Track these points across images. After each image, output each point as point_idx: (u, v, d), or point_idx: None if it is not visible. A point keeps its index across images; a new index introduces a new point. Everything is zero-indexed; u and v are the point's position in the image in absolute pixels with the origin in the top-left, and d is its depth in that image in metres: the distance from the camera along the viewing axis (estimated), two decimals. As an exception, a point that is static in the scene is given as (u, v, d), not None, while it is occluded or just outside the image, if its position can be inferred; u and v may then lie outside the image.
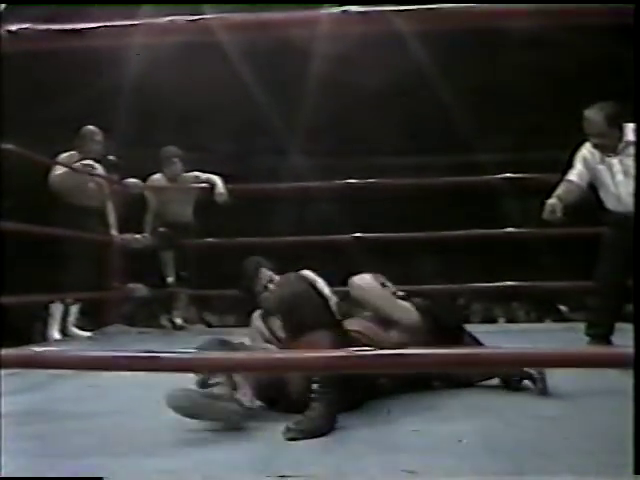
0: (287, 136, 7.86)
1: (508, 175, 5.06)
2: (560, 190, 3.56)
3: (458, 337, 2.74)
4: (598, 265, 3.51)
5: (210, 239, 5.38)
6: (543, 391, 2.49)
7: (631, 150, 3.34)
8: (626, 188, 3.37)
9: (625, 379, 1.55)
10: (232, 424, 2.09)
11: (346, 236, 5.21)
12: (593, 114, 3.35)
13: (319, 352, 1.81)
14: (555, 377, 2.46)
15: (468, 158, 7.56)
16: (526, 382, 2.56)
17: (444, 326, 2.69)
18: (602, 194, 3.53)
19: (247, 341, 2.64)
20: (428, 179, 5.85)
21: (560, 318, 7.67)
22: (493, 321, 7.77)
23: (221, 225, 5.47)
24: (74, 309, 4.79)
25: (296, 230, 5.86)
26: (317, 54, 6.17)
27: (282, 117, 7.46)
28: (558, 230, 3.73)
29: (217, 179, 5.14)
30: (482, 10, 1.70)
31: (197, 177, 5.24)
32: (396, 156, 8.55)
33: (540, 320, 7.75)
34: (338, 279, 2.95)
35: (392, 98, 7.90)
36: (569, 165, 3.61)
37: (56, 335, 4.61)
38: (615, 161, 3.41)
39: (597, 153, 3.48)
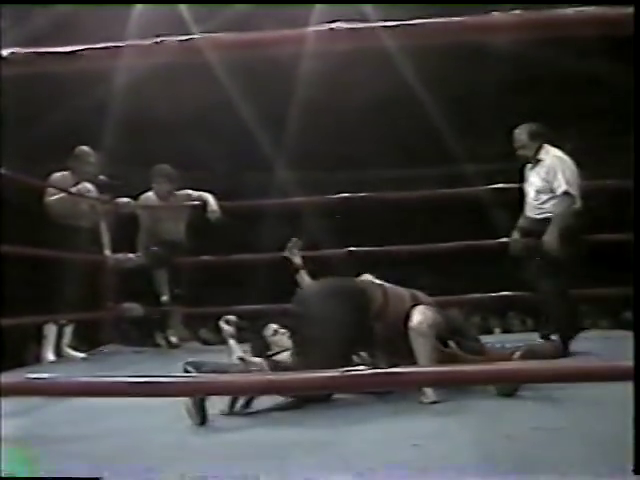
0: (278, 153, 7.87)
1: (499, 186, 5.06)
2: None
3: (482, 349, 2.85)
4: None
5: (204, 256, 5.36)
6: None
7: (538, 168, 3.80)
8: (527, 196, 3.93)
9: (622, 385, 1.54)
10: None
11: (339, 250, 5.19)
12: (519, 130, 3.93)
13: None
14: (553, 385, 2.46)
15: (459, 169, 7.59)
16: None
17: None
18: None
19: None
20: (420, 191, 5.84)
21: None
22: (490, 332, 7.74)
23: (214, 242, 5.45)
24: (68, 330, 4.75)
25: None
26: (306, 71, 6.19)
27: (273, 134, 7.48)
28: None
29: (209, 196, 5.12)
30: (471, 23, 1.70)
31: (189, 195, 5.22)
32: (388, 169, 8.58)
33: (536, 329, 7.71)
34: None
35: (381, 111, 7.93)
36: None
37: (50, 356, 4.57)
38: (529, 172, 3.93)
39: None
